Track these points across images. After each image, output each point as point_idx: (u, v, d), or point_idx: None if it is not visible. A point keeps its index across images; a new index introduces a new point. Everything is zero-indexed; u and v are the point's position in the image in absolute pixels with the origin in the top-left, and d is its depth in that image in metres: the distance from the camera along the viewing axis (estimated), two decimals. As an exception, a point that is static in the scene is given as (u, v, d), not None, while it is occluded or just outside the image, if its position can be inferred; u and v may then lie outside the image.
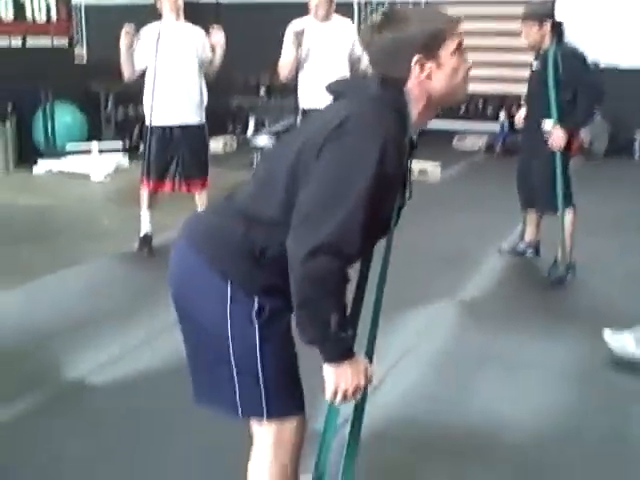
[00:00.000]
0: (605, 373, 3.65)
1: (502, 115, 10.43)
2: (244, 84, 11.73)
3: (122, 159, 8.80)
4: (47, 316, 4.31)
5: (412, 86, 1.87)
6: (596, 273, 4.93)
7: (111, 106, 9.55)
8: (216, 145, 10.11)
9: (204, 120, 5.52)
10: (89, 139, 8.92)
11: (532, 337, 4.05)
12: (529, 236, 5.38)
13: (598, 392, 3.50)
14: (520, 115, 5.18)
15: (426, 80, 1.86)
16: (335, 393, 1.83)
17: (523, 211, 5.33)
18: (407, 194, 1.96)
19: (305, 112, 5.62)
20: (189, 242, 1.98)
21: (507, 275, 5.16)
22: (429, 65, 1.85)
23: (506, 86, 9.97)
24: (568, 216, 4.85)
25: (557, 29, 4.78)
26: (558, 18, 4.85)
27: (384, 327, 3.84)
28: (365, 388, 1.90)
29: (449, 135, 10.97)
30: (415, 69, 1.85)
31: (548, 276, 4.93)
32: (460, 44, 1.88)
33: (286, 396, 1.95)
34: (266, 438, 2.00)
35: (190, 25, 5.41)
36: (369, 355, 2.02)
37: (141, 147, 5.91)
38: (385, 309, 2.06)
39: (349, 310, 1.89)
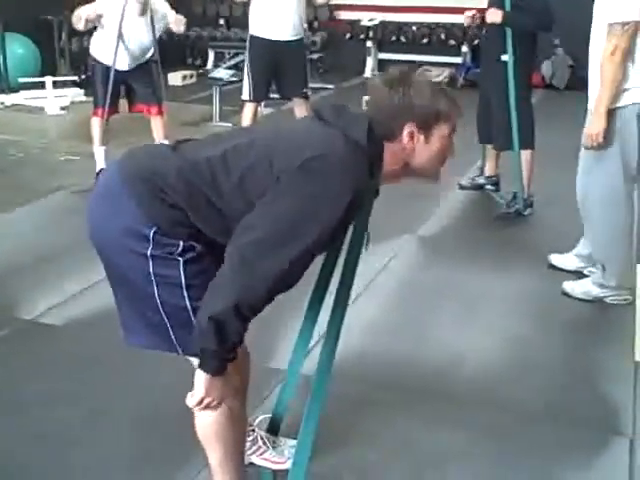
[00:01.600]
0: (560, 304, 3.72)
1: (464, 47, 10.36)
2: (202, 15, 11.46)
3: (77, 92, 8.59)
4: (3, 252, 4.24)
5: (394, 148, 1.88)
6: (555, 206, 4.97)
7: (65, 37, 9.27)
8: (175, 78, 9.94)
9: (156, 55, 5.50)
10: (43, 72, 8.67)
11: (490, 270, 4.10)
12: (489, 171, 5.40)
13: (553, 322, 3.57)
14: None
15: (410, 150, 1.88)
16: (201, 400, 1.84)
17: (482, 146, 5.34)
18: (365, 240, 2.00)
19: (253, 39, 5.81)
20: (119, 176, 1.90)
21: (466, 209, 5.20)
22: (418, 137, 1.87)
23: (469, 18, 9.87)
24: (526, 153, 4.87)
25: None
26: None
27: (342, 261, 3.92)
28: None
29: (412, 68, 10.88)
30: (405, 135, 1.86)
31: (506, 210, 4.97)
32: (453, 131, 1.91)
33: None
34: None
35: None
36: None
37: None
38: (344, 243, 2.06)
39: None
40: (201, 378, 1.82)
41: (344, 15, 11.35)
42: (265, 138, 1.90)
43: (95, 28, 5.37)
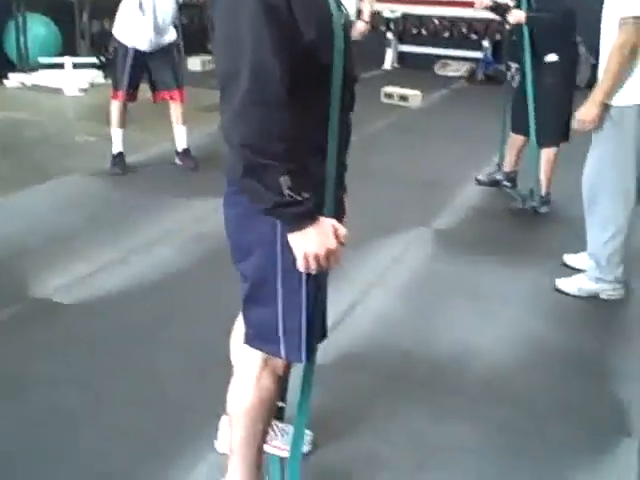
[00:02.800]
0: (572, 304, 3.69)
1: (485, 42, 10.29)
2: None
3: (97, 74, 8.59)
4: (18, 232, 4.25)
5: None
6: (574, 205, 4.91)
7: (86, 18, 9.26)
8: (194, 63, 9.92)
9: (176, 37, 5.44)
10: (63, 53, 8.67)
11: (503, 266, 4.07)
12: (508, 166, 5.35)
13: (564, 323, 3.54)
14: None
15: None
16: (307, 260, 1.68)
17: (509, 137, 5.24)
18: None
19: None
20: (227, 183, 1.86)
21: (482, 205, 5.16)
22: None
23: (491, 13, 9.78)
24: (549, 151, 4.82)
25: None
26: None
27: (358, 252, 3.92)
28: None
29: (431, 61, 10.83)
30: None
31: (522, 206, 4.93)
32: None
33: (311, 339, 1.86)
34: (257, 368, 1.95)
35: None
36: (335, 216, 1.79)
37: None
38: (360, 234, 2.01)
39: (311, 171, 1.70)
40: (292, 240, 1.68)
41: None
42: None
43: (117, 8, 5.32)
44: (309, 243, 1.67)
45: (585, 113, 3.52)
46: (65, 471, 2.34)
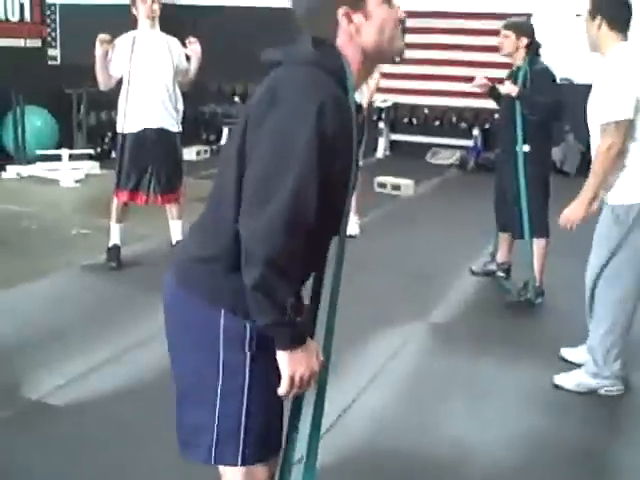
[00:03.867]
0: (571, 400, 3.65)
1: (476, 131, 10.49)
2: (218, 92, 11.66)
3: (93, 165, 8.69)
4: (10, 331, 4.21)
5: (343, 44, 1.78)
6: (567, 295, 4.94)
7: (83, 111, 9.44)
8: (189, 153, 10.06)
9: (179, 128, 5.46)
10: (60, 144, 8.80)
11: (500, 363, 4.05)
12: (501, 257, 5.39)
13: (566, 420, 3.50)
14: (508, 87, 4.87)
15: (356, 35, 1.78)
16: (292, 380, 1.75)
17: (498, 232, 5.33)
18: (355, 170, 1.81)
19: None
20: (176, 278, 1.90)
21: (477, 297, 5.16)
22: (357, 18, 1.77)
23: (480, 101, 10.02)
24: (540, 241, 4.87)
25: (533, 48, 4.82)
26: (537, 39, 4.88)
27: (354, 347, 3.89)
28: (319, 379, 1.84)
29: (423, 149, 11.01)
30: (342, 23, 1.76)
31: (517, 298, 4.94)
32: None
33: (265, 441, 1.86)
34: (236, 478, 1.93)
35: (165, 35, 5.35)
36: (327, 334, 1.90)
37: (113, 154, 5.81)
38: (356, 327, 2.04)
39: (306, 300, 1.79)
40: (282, 359, 1.73)
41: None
42: (243, 112, 1.82)
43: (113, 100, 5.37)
44: (298, 364, 1.74)
45: (573, 212, 3.58)
46: None
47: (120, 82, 5.27)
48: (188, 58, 5.42)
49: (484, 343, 4.30)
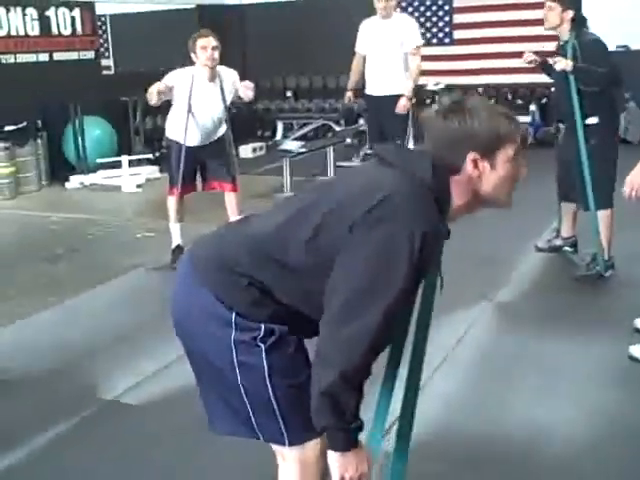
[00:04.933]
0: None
1: (532, 106, 10.29)
2: (270, 88, 11.72)
3: (152, 170, 8.85)
4: (83, 334, 4.32)
5: (460, 180, 1.81)
6: (637, 268, 4.81)
7: (139, 117, 9.60)
8: (245, 151, 10.15)
9: (228, 131, 5.55)
10: (119, 150, 8.98)
11: (571, 337, 3.97)
12: (566, 232, 5.27)
13: (638, 394, 3.41)
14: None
15: (476, 178, 1.80)
16: (341, 477, 1.78)
17: (561, 204, 5.21)
18: (439, 282, 1.95)
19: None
20: (194, 270, 1.93)
21: (544, 273, 5.07)
22: (483, 164, 1.80)
23: (534, 76, 9.83)
24: (605, 212, 4.75)
25: (579, 21, 4.69)
26: (584, 13, 4.75)
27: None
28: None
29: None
30: (469, 164, 1.79)
31: (586, 272, 4.83)
32: (518, 153, 1.81)
33: (305, 421, 1.85)
34: (290, 463, 1.97)
35: (223, 68, 5.40)
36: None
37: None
38: None
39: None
40: (333, 457, 1.77)
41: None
42: (330, 191, 1.87)
43: (170, 106, 5.47)
44: (349, 466, 1.77)
45: (636, 176, 3.42)
46: None
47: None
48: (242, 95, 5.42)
49: (553, 319, 4.21)
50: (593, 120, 4.66)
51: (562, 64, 4.63)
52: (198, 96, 5.26)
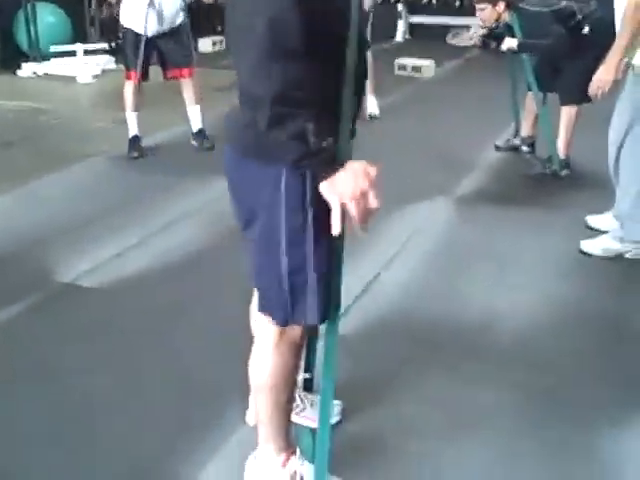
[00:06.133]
0: (598, 265, 3.66)
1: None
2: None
3: (108, 60, 8.59)
4: (38, 219, 4.26)
5: None
6: (592, 168, 4.87)
7: (95, 5, 9.25)
8: (205, 44, 9.91)
9: (185, 18, 5.41)
10: (73, 40, 8.67)
11: (526, 231, 4.05)
12: (525, 131, 5.31)
13: (592, 284, 3.51)
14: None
15: None
16: (341, 204, 1.61)
17: (516, 107, 5.21)
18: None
19: None
20: (230, 145, 1.86)
21: (502, 171, 5.11)
22: None
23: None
24: (570, 110, 4.76)
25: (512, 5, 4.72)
26: None
27: (379, 222, 3.89)
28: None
29: (443, 31, 10.73)
30: None
31: (542, 171, 4.89)
32: None
33: (328, 300, 1.83)
34: (274, 336, 1.93)
35: None
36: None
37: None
38: (382, 203, 1.89)
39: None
40: (325, 191, 1.63)
41: (374, -22, 11.19)
42: None
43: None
44: (341, 188, 1.61)
45: (602, 75, 3.51)
46: (96, 455, 2.34)
47: None
48: None
49: (509, 213, 4.29)
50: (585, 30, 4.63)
51: (508, 44, 4.73)
52: None
